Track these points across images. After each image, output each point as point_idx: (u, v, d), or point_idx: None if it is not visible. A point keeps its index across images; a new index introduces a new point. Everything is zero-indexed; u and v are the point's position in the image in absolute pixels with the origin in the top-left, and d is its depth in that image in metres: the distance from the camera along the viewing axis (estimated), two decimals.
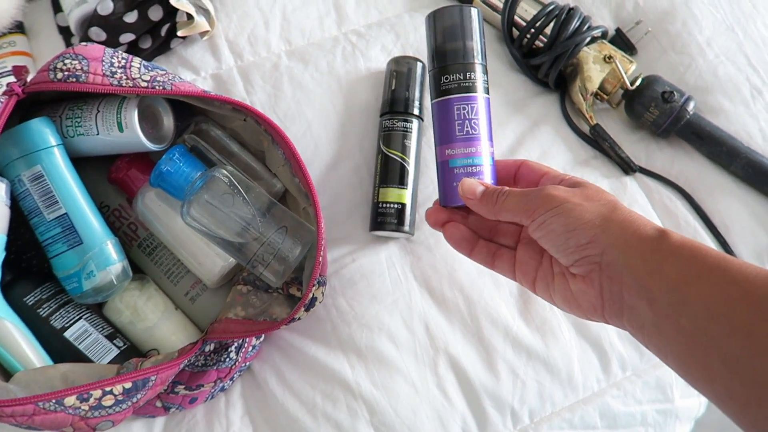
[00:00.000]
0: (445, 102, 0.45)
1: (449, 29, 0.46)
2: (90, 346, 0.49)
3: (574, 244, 0.37)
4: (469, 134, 0.45)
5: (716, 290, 0.32)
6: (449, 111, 0.45)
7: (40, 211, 0.47)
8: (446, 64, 0.46)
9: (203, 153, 0.52)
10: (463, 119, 0.45)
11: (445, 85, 0.46)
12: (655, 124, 0.59)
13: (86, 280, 0.47)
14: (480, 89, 0.45)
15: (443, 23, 0.46)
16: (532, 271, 0.43)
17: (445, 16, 0.46)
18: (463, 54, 0.45)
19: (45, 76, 0.46)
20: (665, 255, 0.34)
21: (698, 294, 0.32)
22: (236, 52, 0.64)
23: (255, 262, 0.48)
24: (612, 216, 0.37)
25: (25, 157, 0.47)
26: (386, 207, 0.55)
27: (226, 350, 0.50)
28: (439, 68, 0.46)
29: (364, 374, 0.53)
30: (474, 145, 0.45)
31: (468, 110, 0.45)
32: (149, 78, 0.47)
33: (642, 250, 0.35)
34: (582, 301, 0.38)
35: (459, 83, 0.45)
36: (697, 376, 0.33)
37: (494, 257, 0.45)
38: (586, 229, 0.37)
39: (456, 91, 0.45)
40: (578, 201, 0.38)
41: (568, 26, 0.59)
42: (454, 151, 0.45)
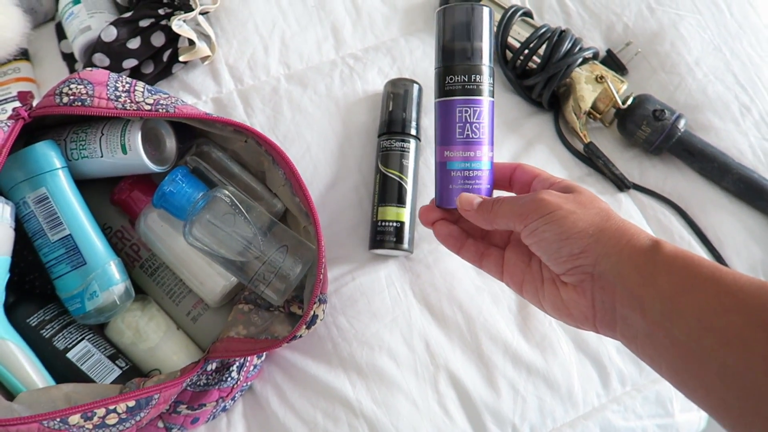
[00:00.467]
0: (447, 103, 0.44)
1: (458, 27, 0.44)
2: (92, 367, 0.49)
3: (567, 253, 0.37)
4: (469, 138, 0.44)
5: (710, 301, 0.32)
6: (451, 113, 0.44)
7: (45, 233, 0.47)
8: (452, 63, 0.44)
9: (205, 174, 0.53)
10: (464, 122, 0.44)
11: (449, 86, 0.44)
12: (647, 141, 0.61)
13: (89, 300, 0.48)
14: (485, 92, 0.44)
15: (453, 20, 0.44)
16: (519, 273, 0.42)
17: (455, 14, 0.44)
18: (471, 55, 0.44)
19: (51, 101, 0.47)
20: (658, 265, 0.34)
21: (692, 304, 0.32)
22: (236, 76, 0.66)
23: (256, 281, 0.49)
24: (605, 225, 0.37)
25: (30, 180, 0.47)
26: (385, 225, 0.56)
27: (227, 369, 0.50)
28: (444, 67, 0.44)
29: (365, 392, 0.53)
30: (473, 150, 0.44)
31: (470, 114, 0.44)
32: (152, 101, 0.48)
33: (635, 260, 0.35)
34: (573, 309, 0.38)
35: (463, 85, 0.44)
36: (692, 388, 0.33)
37: (482, 256, 0.45)
38: (579, 239, 0.36)
39: (460, 93, 0.44)
40: (571, 208, 0.37)
41: (560, 48, 0.61)
42: (453, 154, 0.44)
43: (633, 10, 0.68)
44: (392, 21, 0.69)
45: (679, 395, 0.56)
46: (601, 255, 0.36)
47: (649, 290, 0.34)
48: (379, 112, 0.62)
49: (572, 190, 0.40)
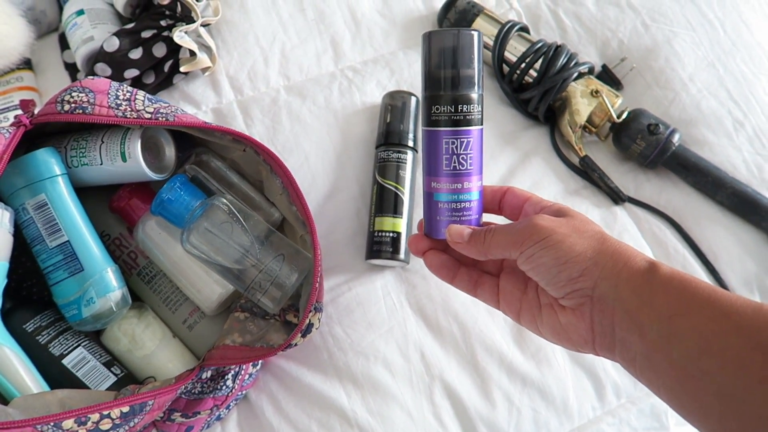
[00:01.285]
0: (433, 133, 0.42)
1: (445, 53, 0.41)
2: (88, 374, 0.49)
3: (566, 278, 0.37)
4: (456, 170, 0.42)
5: (707, 323, 0.32)
6: (437, 144, 0.42)
7: (43, 239, 0.48)
8: (438, 93, 0.41)
9: (203, 183, 0.54)
10: (450, 154, 0.42)
11: (435, 116, 0.42)
12: (642, 155, 0.61)
13: (86, 307, 0.48)
14: (473, 122, 0.42)
15: (439, 46, 0.41)
16: (516, 301, 0.42)
17: (442, 39, 0.42)
18: (458, 84, 0.41)
19: (52, 108, 0.47)
20: (655, 287, 0.34)
21: (689, 327, 0.32)
22: (236, 87, 0.66)
23: (253, 289, 0.49)
24: (603, 248, 0.37)
25: (30, 186, 0.48)
26: (382, 236, 0.57)
27: (222, 378, 0.50)
28: (430, 96, 0.42)
29: (360, 402, 0.53)
30: (461, 181, 0.42)
31: (457, 145, 0.42)
32: (153, 110, 0.49)
33: (633, 282, 0.35)
34: (572, 333, 0.38)
35: (450, 116, 0.41)
36: (691, 410, 0.33)
37: (476, 285, 0.44)
38: (578, 262, 0.36)
39: (446, 124, 0.41)
40: (566, 232, 0.37)
41: (556, 62, 0.62)
42: (440, 186, 0.42)
43: (628, 26, 0.69)
44: (391, 34, 0.70)
45: None
46: (599, 278, 0.36)
47: (647, 312, 0.34)
48: (377, 123, 0.63)
49: (565, 214, 0.40)
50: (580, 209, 0.61)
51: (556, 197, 0.62)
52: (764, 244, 0.60)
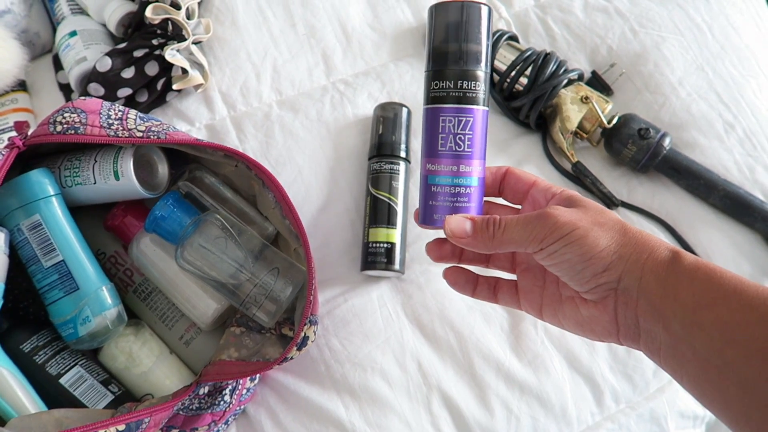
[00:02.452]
0: (432, 111, 0.39)
1: (450, 27, 0.39)
2: (85, 392, 0.49)
3: (591, 273, 0.35)
4: (454, 150, 0.39)
5: (732, 314, 0.32)
6: (435, 122, 0.39)
7: (38, 259, 0.48)
8: (439, 68, 0.39)
9: (197, 199, 0.54)
10: (448, 133, 0.39)
11: (434, 92, 0.39)
12: (633, 159, 0.62)
13: (82, 325, 0.48)
14: (476, 101, 0.39)
15: (444, 19, 0.39)
16: (537, 298, 0.41)
17: (448, 11, 0.39)
18: (460, 58, 0.38)
19: (45, 129, 0.48)
20: (680, 278, 0.34)
21: (714, 318, 0.32)
22: (229, 103, 0.67)
23: (248, 303, 0.49)
24: (625, 240, 0.36)
25: (25, 207, 0.48)
26: (376, 246, 0.57)
27: (220, 393, 0.50)
28: (432, 71, 0.39)
29: (358, 414, 0.53)
30: (459, 163, 0.39)
31: (455, 123, 0.39)
32: (144, 128, 0.49)
33: (657, 273, 0.34)
34: (595, 325, 0.37)
35: (449, 92, 0.39)
36: (713, 399, 0.33)
37: (496, 291, 0.43)
38: (603, 257, 0.35)
39: (445, 100, 0.39)
40: (588, 225, 0.36)
41: (546, 70, 0.62)
42: (436, 167, 0.39)
43: (616, 32, 0.69)
44: (381, 47, 0.71)
45: (674, 412, 0.56)
46: (624, 271, 0.35)
47: (671, 304, 0.33)
48: (369, 135, 0.63)
49: (577, 203, 0.38)
50: None
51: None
52: (758, 245, 0.60)
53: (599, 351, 0.56)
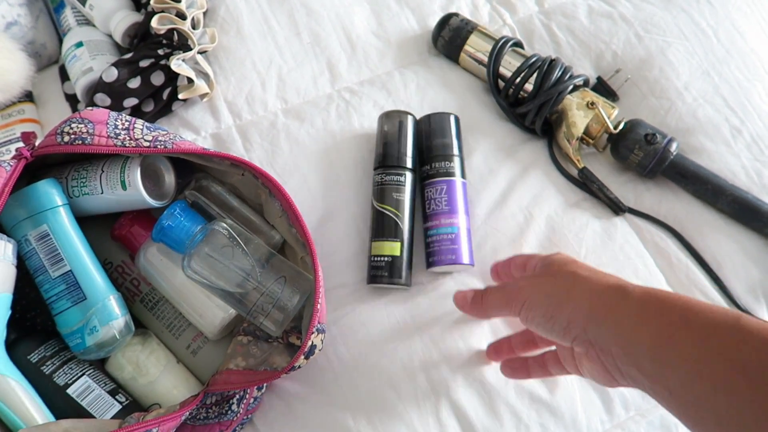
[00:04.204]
0: (423, 185, 0.60)
1: (430, 130, 0.61)
2: (92, 403, 0.49)
3: (559, 328, 0.39)
4: (435, 211, 0.58)
5: (690, 349, 0.32)
6: (423, 193, 0.59)
7: (46, 269, 0.48)
8: (427, 156, 0.60)
9: (204, 208, 0.54)
10: (430, 199, 0.58)
11: (424, 173, 0.60)
12: (640, 165, 0.61)
13: (89, 335, 0.48)
14: (454, 174, 0.59)
15: (424, 126, 0.62)
16: (572, 360, 0.43)
17: (425, 120, 0.62)
18: (441, 148, 0.60)
19: (52, 140, 0.48)
20: (633, 318, 0.35)
21: (677, 355, 0.33)
22: (235, 111, 0.67)
23: (255, 312, 0.49)
24: (574, 290, 0.39)
25: (32, 218, 0.48)
26: (378, 260, 0.56)
27: (227, 402, 0.50)
28: (422, 159, 0.61)
29: (366, 423, 0.53)
30: (440, 218, 0.57)
31: (437, 191, 0.58)
32: (151, 138, 0.49)
33: (613, 319, 0.36)
34: (596, 376, 0.40)
35: (427, 172, 0.59)
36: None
37: (546, 367, 0.48)
38: (562, 312, 0.38)
39: (433, 176, 0.59)
40: (546, 287, 0.40)
41: (551, 76, 0.62)
42: (430, 224, 0.58)
43: (621, 38, 0.69)
44: (386, 55, 0.71)
45: None
46: (585, 321, 0.37)
47: (635, 347, 0.35)
48: (374, 143, 0.63)
49: (544, 263, 0.44)
50: (581, 221, 0.61)
51: (556, 209, 0.62)
52: (767, 250, 0.59)
53: None
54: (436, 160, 0.59)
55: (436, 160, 0.59)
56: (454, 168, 0.59)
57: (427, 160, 0.60)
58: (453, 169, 0.59)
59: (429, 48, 0.72)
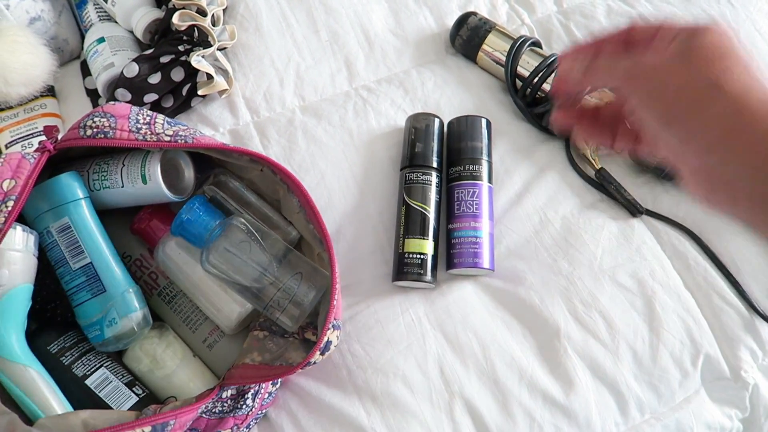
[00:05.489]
0: (450, 187, 0.60)
1: (460, 131, 0.62)
2: (110, 394, 0.49)
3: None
4: (464, 212, 0.58)
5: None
6: (451, 194, 0.59)
7: (66, 261, 0.49)
8: (456, 158, 0.60)
9: (222, 203, 0.55)
10: (461, 201, 0.58)
11: (452, 174, 0.60)
12: (658, 168, 0.61)
13: (108, 327, 0.48)
14: (482, 178, 0.59)
15: (457, 127, 0.62)
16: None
17: (460, 122, 0.62)
18: (470, 151, 0.60)
19: (75, 134, 0.49)
20: None
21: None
22: (253, 108, 0.67)
23: (271, 307, 0.49)
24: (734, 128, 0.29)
25: (54, 210, 0.49)
26: (411, 257, 0.56)
27: (242, 397, 0.50)
28: (451, 161, 0.61)
29: (380, 420, 0.53)
30: (469, 221, 0.57)
31: (465, 194, 0.59)
32: (172, 133, 0.50)
33: None
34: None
35: (459, 173, 0.59)
36: None
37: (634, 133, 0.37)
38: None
39: (460, 179, 0.59)
40: (683, 83, 0.29)
41: None
42: (455, 225, 0.58)
43: None
44: (404, 53, 0.71)
45: (700, 423, 0.55)
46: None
47: None
48: (392, 141, 0.63)
49: (686, 44, 0.31)
50: (597, 222, 0.61)
51: (572, 211, 0.61)
52: None
53: (624, 360, 0.55)
54: (466, 163, 0.59)
55: (466, 162, 0.59)
56: (482, 172, 0.59)
57: (456, 162, 0.60)
58: (481, 173, 0.59)
59: (447, 47, 0.72)
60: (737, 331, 0.56)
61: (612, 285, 0.57)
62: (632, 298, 0.57)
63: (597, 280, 0.58)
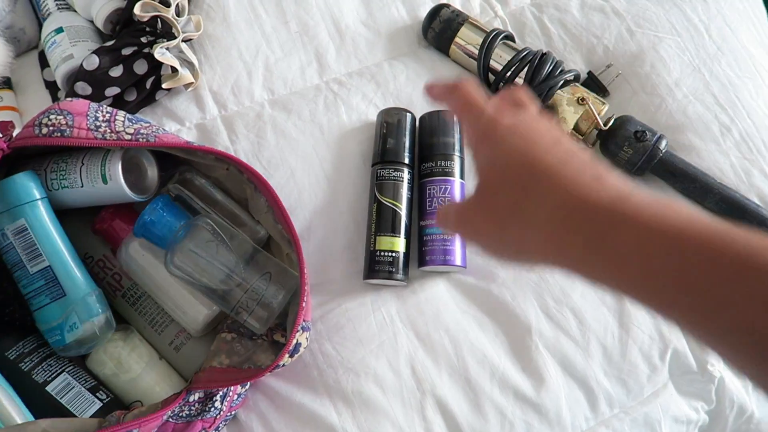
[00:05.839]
0: (422, 183, 0.59)
1: (432, 126, 0.60)
2: (72, 400, 0.48)
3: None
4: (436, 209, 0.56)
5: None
6: (422, 191, 0.59)
7: (24, 265, 0.47)
8: (427, 153, 0.59)
9: (188, 202, 0.53)
10: (433, 197, 0.58)
11: (424, 170, 0.59)
12: (629, 162, 0.61)
13: (69, 332, 0.47)
14: (455, 174, 0.58)
15: (429, 123, 0.61)
16: None
17: (431, 118, 0.61)
18: (443, 147, 0.59)
19: (30, 132, 0.47)
20: None
21: None
22: (220, 102, 0.66)
23: (239, 309, 0.48)
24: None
25: (9, 211, 0.47)
26: (383, 255, 0.56)
27: (211, 399, 0.49)
28: (422, 156, 0.60)
29: (351, 420, 0.52)
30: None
31: (436, 190, 0.58)
32: (133, 131, 0.48)
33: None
34: None
35: (431, 169, 0.58)
36: None
37: None
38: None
39: (430, 175, 0.58)
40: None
41: (542, 70, 0.61)
42: (427, 222, 0.57)
43: (613, 32, 0.69)
44: (376, 45, 0.69)
45: (668, 417, 0.55)
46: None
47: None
48: (363, 136, 0.62)
49: (489, 122, 0.34)
50: None
51: None
52: None
53: (594, 355, 0.55)
54: (437, 159, 0.58)
55: (437, 158, 0.58)
56: (454, 168, 0.58)
57: (428, 158, 0.59)
58: (453, 168, 0.58)
59: (419, 39, 0.71)
60: None
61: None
62: (602, 294, 0.57)
63: (568, 277, 0.58)
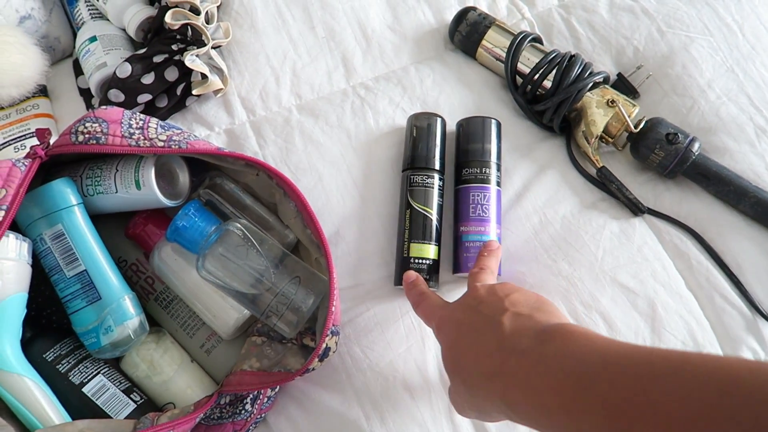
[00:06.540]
0: (462, 189, 0.59)
1: (473, 132, 0.60)
2: (108, 401, 0.49)
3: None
4: (479, 216, 0.57)
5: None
6: (465, 197, 0.58)
7: (61, 269, 0.48)
8: (467, 159, 0.59)
9: (218, 207, 0.54)
10: (476, 204, 0.57)
11: (465, 176, 0.59)
12: (661, 165, 0.60)
13: (104, 335, 0.48)
14: (492, 182, 0.58)
15: (468, 128, 0.61)
16: None
17: (470, 124, 0.61)
18: (481, 154, 0.59)
19: (67, 140, 0.48)
20: None
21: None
22: (249, 107, 0.66)
23: (269, 313, 0.49)
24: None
25: (47, 217, 0.48)
26: (420, 263, 0.55)
27: (241, 402, 0.50)
28: (461, 162, 0.60)
29: (379, 424, 0.52)
30: (483, 225, 0.57)
31: (480, 197, 0.58)
32: (165, 137, 0.49)
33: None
34: None
35: (476, 175, 0.58)
36: None
37: None
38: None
39: (473, 181, 0.58)
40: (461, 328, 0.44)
41: (570, 72, 0.61)
42: (468, 228, 0.57)
43: (643, 33, 0.68)
44: (402, 49, 0.70)
45: None
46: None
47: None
48: (391, 141, 0.62)
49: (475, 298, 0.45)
50: (598, 222, 0.60)
51: (572, 211, 0.61)
52: None
53: None
54: (474, 166, 0.58)
55: (474, 165, 0.58)
56: (491, 175, 0.58)
57: (464, 164, 0.59)
58: (490, 176, 0.58)
59: (446, 43, 0.71)
60: (739, 332, 0.55)
61: (613, 286, 0.57)
62: (634, 299, 0.56)
63: (597, 281, 0.57)
